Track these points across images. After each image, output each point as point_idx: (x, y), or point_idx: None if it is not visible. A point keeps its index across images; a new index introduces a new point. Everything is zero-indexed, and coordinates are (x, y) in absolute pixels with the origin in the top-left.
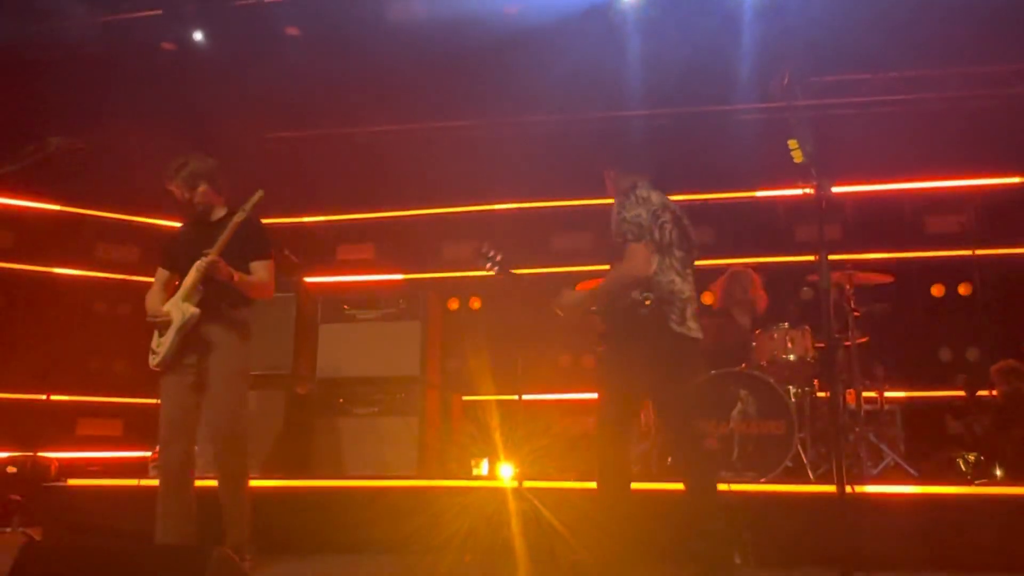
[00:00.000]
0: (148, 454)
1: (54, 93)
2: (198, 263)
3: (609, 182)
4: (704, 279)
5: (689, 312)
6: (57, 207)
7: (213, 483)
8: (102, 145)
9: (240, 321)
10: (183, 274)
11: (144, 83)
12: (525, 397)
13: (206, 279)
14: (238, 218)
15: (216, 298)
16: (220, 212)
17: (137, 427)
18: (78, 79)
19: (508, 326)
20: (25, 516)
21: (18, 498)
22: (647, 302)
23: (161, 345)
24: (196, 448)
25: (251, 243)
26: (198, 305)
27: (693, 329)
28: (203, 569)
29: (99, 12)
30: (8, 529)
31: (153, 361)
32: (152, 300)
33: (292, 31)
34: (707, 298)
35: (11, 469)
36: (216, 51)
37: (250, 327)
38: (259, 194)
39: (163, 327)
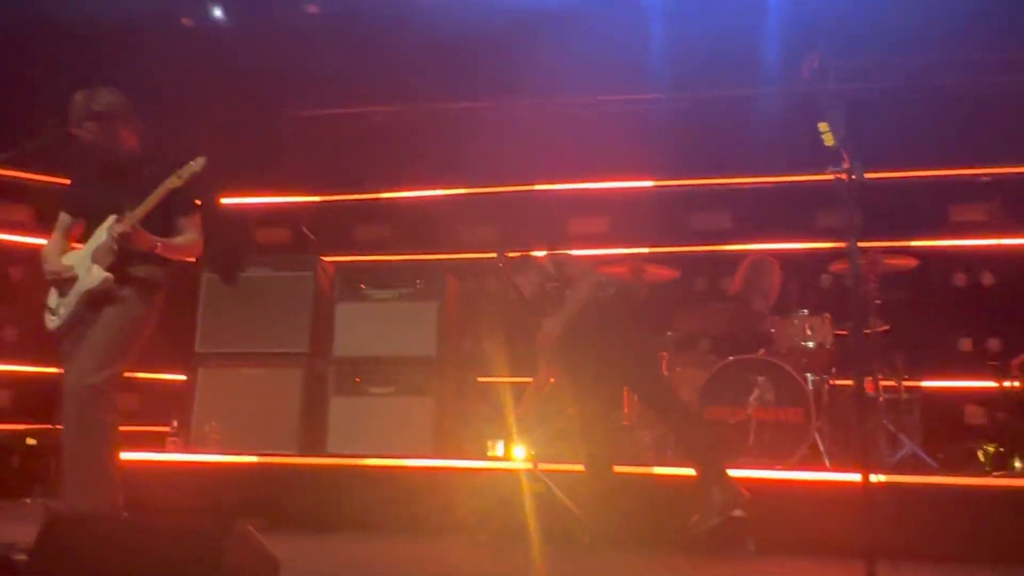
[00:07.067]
0: (165, 428)
1: (67, 70)
2: (113, 227)
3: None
4: (724, 264)
5: None
6: None
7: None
8: None
9: (147, 280)
10: (90, 221)
11: (162, 59)
12: None
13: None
14: (170, 184)
15: (126, 255)
16: (137, 156)
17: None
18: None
19: (525, 307)
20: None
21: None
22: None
23: (63, 306)
24: (214, 424)
25: (177, 197)
26: (109, 268)
27: None
28: (221, 544)
29: None
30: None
31: (52, 324)
32: (52, 251)
33: (312, 8)
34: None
35: None
36: (235, 28)
37: (159, 287)
38: (201, 161)
39: (64, 285)
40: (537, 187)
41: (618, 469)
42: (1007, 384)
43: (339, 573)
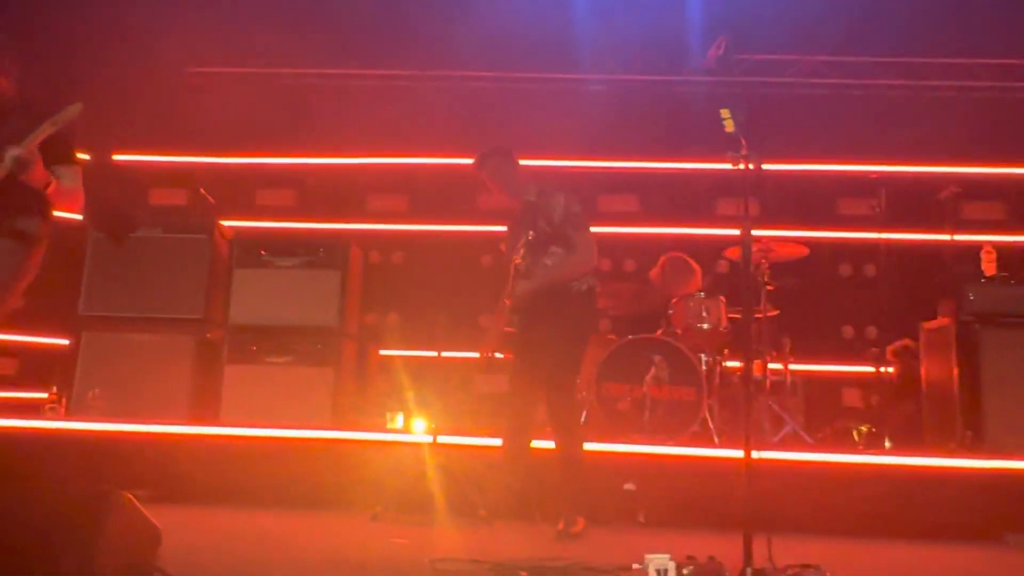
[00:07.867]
0: (44, 395)
1: None
2: (6, 154)
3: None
4: (626, 246)
5: None
6: None
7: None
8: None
9: (23, 232)
10: None
11: (57, 7)
12: (445, 354)
13: (6, 178)
14: (45, 130)
15: (3, 203)
16: (11, 102)
17: None
18: None
19: (430, 281)
20: None
21: None
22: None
23: None
24: (96, 391)
25: (58, 143)
26: None
27: None
28: (103, 512)
29: None
30: None
31: None
32: None
33: None
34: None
35: None
36: None
37: (37, 241)
38: (76, 107)
39: None
40: (445, 160)
41: (534, 445)
42: (883, 369)
43: (226, 545)
